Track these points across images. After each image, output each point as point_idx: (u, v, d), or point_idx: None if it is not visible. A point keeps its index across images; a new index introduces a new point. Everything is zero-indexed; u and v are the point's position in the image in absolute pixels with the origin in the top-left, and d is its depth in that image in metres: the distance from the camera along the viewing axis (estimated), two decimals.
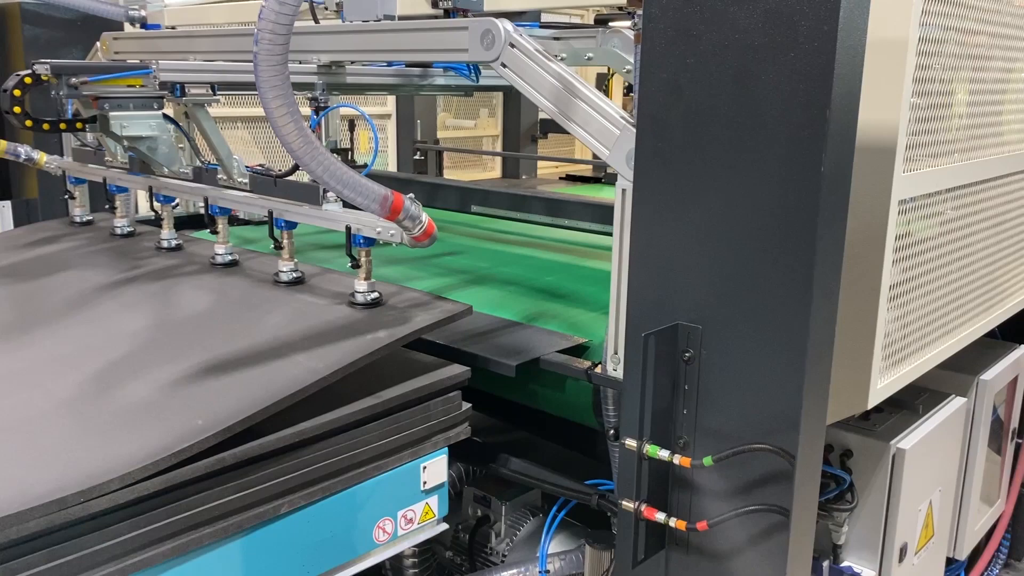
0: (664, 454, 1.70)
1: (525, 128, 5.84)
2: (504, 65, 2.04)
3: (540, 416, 2.54)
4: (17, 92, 2.66)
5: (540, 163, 6.18)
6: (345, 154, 4.04)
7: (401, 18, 2.51)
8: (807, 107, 1.48)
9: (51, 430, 1.77)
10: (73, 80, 2.55)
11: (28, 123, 2.77)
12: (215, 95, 2.83)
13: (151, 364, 2.04)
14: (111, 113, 2.73)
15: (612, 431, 2.10)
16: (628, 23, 2.40)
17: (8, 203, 3.92)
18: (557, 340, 2.32)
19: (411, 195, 1.99)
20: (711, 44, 1.59)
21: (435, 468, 2.11)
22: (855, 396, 1.91)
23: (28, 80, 2.64)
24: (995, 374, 2.64)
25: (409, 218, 2.00)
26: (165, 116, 2.93)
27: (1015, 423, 2.96)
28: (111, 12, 3.73)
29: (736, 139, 1.58)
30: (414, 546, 2.37)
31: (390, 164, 5.87)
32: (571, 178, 5.63)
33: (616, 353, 1.99)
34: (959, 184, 2.12)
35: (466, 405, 2.17)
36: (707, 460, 1.66)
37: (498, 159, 6.50)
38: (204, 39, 3.03)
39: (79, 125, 2.92)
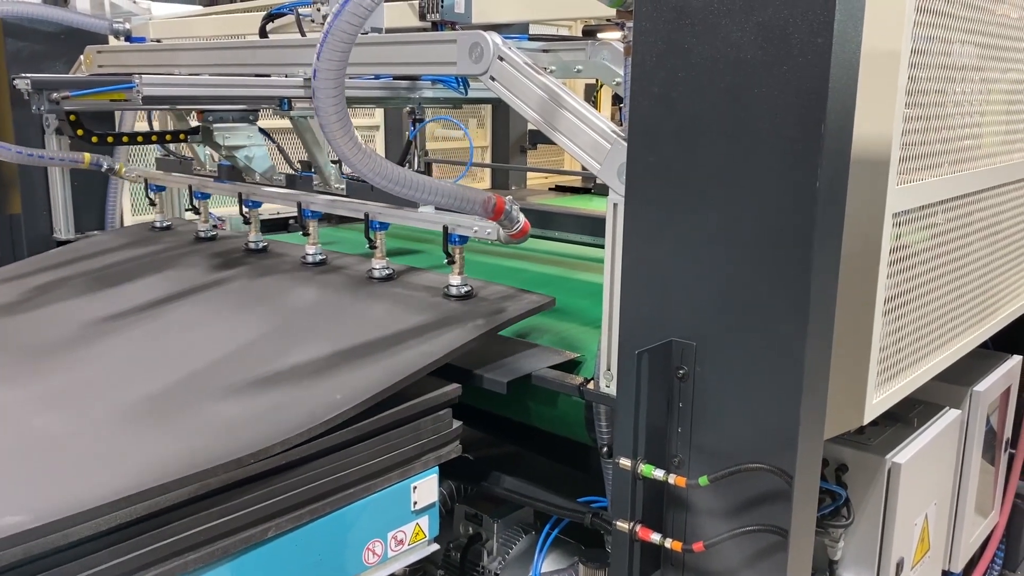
0: (659, 474, 1.67)
1: (514, 139, 5.82)
2: (493, 79, 2.02)
3: (531, 430, 2.51)
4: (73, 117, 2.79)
5: (529, 174, 6.17)
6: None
7: (388, 31, 2.49)
8: (802, 121, 1.46)
9: (205, 410, 1.95)
10: (54, 95, 2.51)
11: (109, 139, 3.00)
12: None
13: (281, 350, 2.23)
14: (214, 126, 2.96)
15: (605, 448, 2.07)
16: (617, 35, 2.39)
17: None
18: (549, 355, 2.29)
19: (510, 196, 2.14)
20: (703, 58, 1.57)
21: (426, 488, 2.07)
22: (851, 412, 1.89)
23: None
24: (988, 385, 2.63)
25: (508, 218, 2.13)
26: (260, 129, 3.14)
27: (1008, 433, 2.95)
28: (95, 25, 3.70)
29: (730, 154, 1.56)
30: (405, 567, 2.33)
31: None
32: (560, 189, 5.61)
33: (609, 369, 1.96)
34: (953, 195, 2.11)
35: (457, 423, 2.14)
36: (703, 480, 1.63)
37: (487, 170, 6.47)
38: (189, 52, 3.00)
39: (182, 136, 3.20)
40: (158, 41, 3.73)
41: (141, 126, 3.91)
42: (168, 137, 3.16)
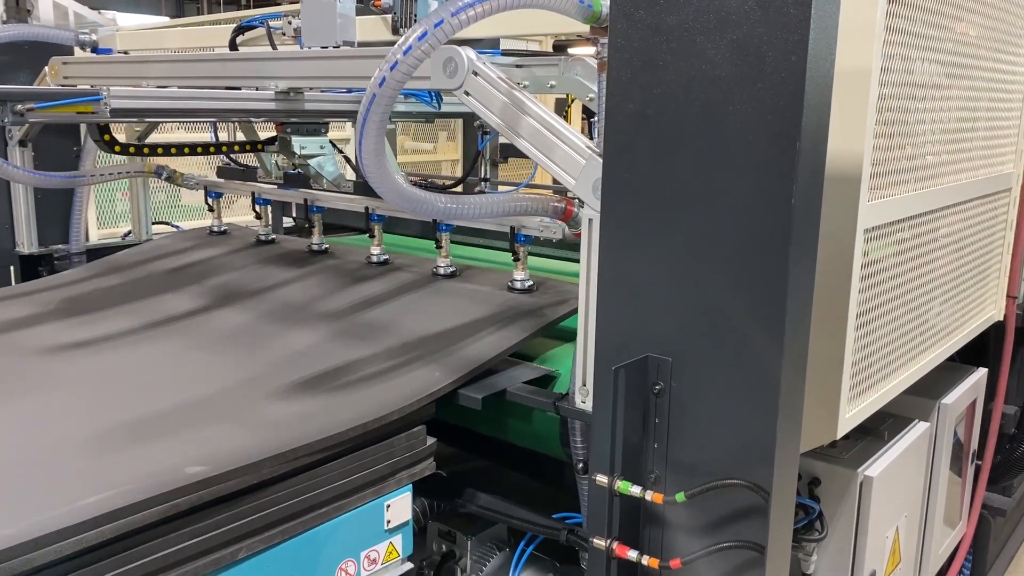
0: (636, 490, 1.66)
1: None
2: (467, 93, 2.01)
3: (506, 446, 2.49)
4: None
5: (500, 187, 6.16)
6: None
7: (361, 45, 2.48)
8: (776, 139, 1.47)
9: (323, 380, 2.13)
10: (19, 107, 2.46)
11: (190, 149, 3.32)
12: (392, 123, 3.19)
13: (373, 337, 2.41)
14: (292, 136, 3.21)
15: (580, 464, 2.06)
16: (590, 50, 2.40)
17: None
18: (523, 370, 2.28)
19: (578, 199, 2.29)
20: (678, 75, 1.57)
21: (399, 506, 2.04)
22: (824, 426, 1.90)
23: None
24: (955, 398, 2.66)
25: (575, 220, 2.24)
26: (330, 141, 3.36)
27: (974, 445, 2.99)
28: (61, 37, 3.63)
29: (705, 170, 1.57)
30: None
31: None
32: None
33: (584, 385, 1.95)
34: (922, 211, 2.14)
35: (431, 440, 2.11)
36: (679, 496, 1.62)
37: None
38: (157, 64, 2.97)
39: (260, 147, 3.47)
40: (125, 53, 3.68)
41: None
42: (247, 147, 3.44)
